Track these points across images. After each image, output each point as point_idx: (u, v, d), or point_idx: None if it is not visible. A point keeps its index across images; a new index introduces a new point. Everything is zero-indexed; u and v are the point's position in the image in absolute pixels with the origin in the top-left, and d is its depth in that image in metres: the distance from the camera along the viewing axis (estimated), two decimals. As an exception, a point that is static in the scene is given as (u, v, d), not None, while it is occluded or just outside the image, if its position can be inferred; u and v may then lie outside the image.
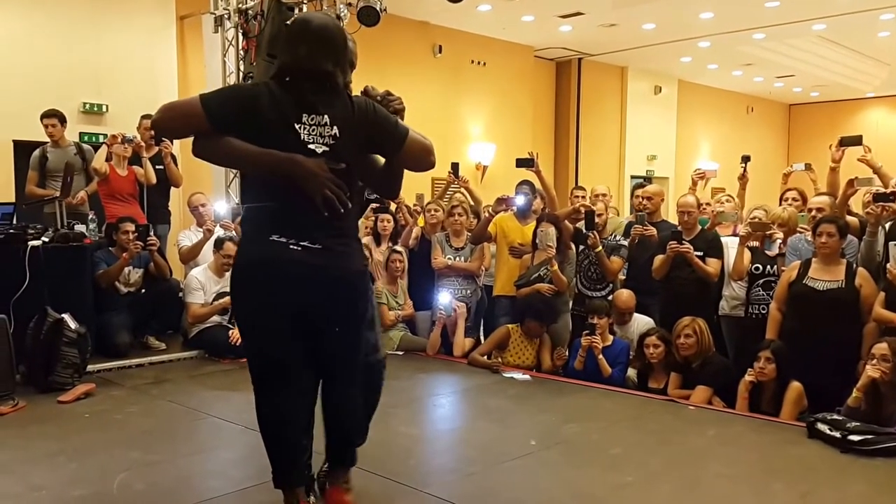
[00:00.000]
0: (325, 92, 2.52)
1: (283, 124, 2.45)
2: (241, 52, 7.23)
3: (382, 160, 2.72)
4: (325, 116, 2.48)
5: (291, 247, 2.46)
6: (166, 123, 2.50)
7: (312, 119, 2.47)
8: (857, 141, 5.21)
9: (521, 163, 6.04)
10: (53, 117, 6.43)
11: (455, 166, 6.59)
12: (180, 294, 5.95)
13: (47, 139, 6.55)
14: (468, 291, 6.03)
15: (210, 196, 6.93)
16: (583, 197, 6.72)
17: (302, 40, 2.52)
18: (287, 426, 2.62)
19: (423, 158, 2.65)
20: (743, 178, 6.19)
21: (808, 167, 6.03)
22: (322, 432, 2.77)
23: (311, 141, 2.46)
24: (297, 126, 2.45)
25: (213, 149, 2.48)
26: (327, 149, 2.48)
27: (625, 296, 5.40)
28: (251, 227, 2.58)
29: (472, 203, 6.70)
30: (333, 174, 2.45)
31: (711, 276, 5.13)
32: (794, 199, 5.53)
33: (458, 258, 6.04)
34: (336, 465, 2.80)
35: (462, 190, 6.88)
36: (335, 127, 2.50)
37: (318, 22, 2.57)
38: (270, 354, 2.59)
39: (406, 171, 2.74)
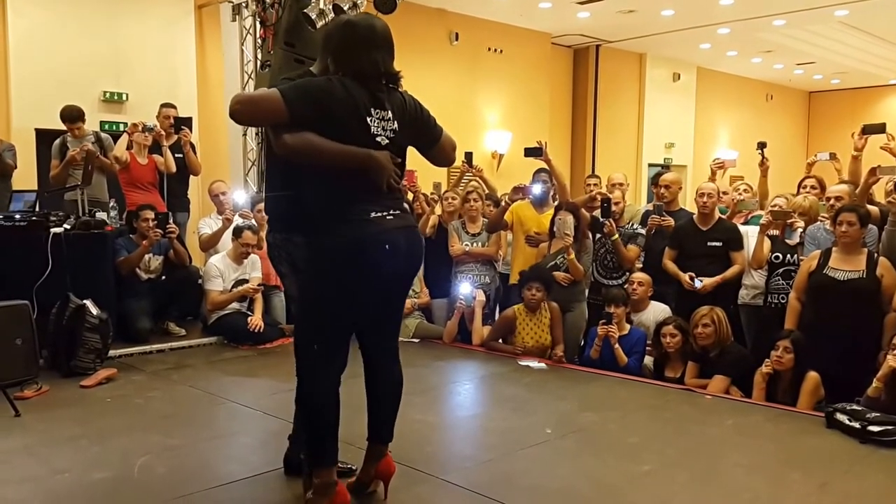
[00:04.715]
0: (388, 89, 2.72)
1: (356, 118, 2.60)
2: (259, 41, 7.23)
3: None
4: (389, 112, 2.69)
5: (388, 217, 2.66)
6: (246, 115, 2.62)
7: (378, 113, 2.66)
8: (880, 129, 5.15)
9: (529, 152, 6.01)
10: (78, 120, 6.32)
11: (469, 156, 6.57)
12: (199, 281, 6.01)
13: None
14: (487, 278, 6.04)
15: (229, 184, 6.97)
16: (596, 185, 6.67)
17: (372, 46, 2.67)
18: (335, 403, 2.72)
19: (450, 155, 2.96)
20: (763, 166, 6.10)
21: (832, 157, 5.96)
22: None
23: (378, 133, 2.65)
24: (367, 119, 2.63)
25: (299, 147, 2.55)
26: (389, 141, 2.67)
27: (641, 276, 5.42)
28: (339, 209, 2.61)
29: (486, 191, 6.70)
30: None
31: (739, 274, 5.11)
32: (812, 188, 5.48)
33: (474, 244, 6.05)
34: (386, 439, 2.91)
35: (476, 179, 6.87)
36: (396, 121, 2.70)
37: (380, 27, 2.73)
38: (345, 333, 2.71)
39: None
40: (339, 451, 2.74)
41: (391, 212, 2.67)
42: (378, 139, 2.64)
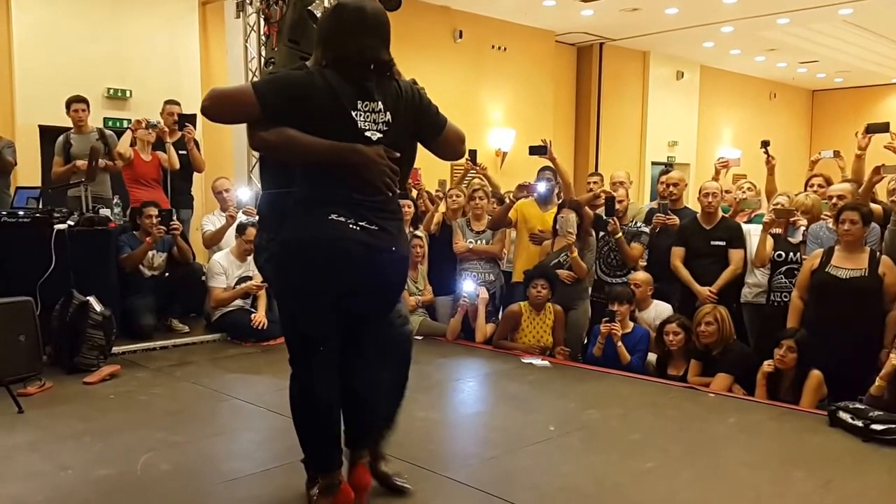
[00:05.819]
0: (379, 78, 2.52)
1: (339, 112, 2.44)
2: (263, 38, 7.24)
3: None
4: (379, 103, 2.50)
5: (351, 226, 2.46)
6: (217, 111, 2.43)
7: (367, 106, 2.47)
8: (884, 128, 5.14)
9: (533, 150, 6.00)
10: (83, 102, 6.50)
11: (473, 153, 6.58)
12: (203, 278, 6.01)
13: (72, 125, 6.63)
14: (491, 276, 6.03)
15: (233, 181, 6.99)
16: (596, 183, 6.66)
17: (360, 31, 2.49)
18: (332, 405, 2.62)
19: (457, 147, 2.73)
20: (769, 164, 6.06)
21: (836, 154, 5.94)
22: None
23: (367, 128, 2.47)
24: (353, 113, 2.45)
25: (274, 142, 2.44)
26: (381, 135, 2.49)
27: (640, 276, 5.41)
28: (302, 207, 2.51)
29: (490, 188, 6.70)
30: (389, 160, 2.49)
31: (735, 274, 5.11)
32: (819, 186, 5.46)
33: (479, 242, 6.05)
34: (361, 445, 2.79)
35: (480, 176, 6.87)
36: (388, 113, 2.51)
37: (371, 10, 2.54)
38: (316, 333, 2.56)
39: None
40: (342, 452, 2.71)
41: (362, 223, 2.48)
42: (368, 134, 2.46)
